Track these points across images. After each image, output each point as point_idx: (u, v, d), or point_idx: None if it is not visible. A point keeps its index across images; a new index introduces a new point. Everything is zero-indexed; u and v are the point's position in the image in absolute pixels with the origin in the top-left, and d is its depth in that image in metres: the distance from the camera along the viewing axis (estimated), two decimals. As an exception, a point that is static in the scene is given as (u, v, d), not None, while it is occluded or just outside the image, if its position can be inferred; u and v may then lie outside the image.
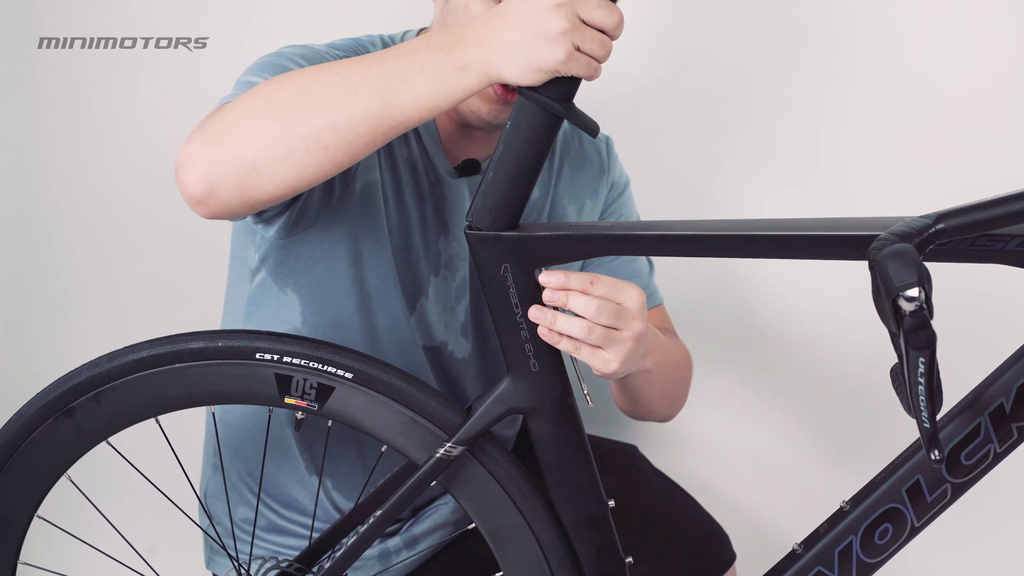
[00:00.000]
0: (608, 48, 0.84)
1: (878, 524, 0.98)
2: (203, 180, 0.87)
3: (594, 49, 0.83)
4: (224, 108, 0.89)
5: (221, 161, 0.86)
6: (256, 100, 0.87)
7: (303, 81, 0.87)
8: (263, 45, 1.70)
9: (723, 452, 1.82)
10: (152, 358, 0.93)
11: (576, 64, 0.83)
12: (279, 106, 0.86)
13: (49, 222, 1.82)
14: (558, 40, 0.82)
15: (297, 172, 0.86)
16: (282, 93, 0.87)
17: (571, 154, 1.29)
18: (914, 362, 0.67)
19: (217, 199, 0.87)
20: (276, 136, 0.85)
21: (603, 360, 0.94)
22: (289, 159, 0.85)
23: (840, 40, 1.64)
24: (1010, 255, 0.87)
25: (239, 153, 0.86)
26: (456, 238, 1.19)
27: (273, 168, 0.86)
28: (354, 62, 0.87)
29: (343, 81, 0.85)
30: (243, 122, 0.86)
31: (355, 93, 0.85)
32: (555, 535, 1.01)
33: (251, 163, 0.86)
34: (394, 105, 0.85)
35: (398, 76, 0.84)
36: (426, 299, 1.19)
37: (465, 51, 0.84)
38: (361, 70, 0.86)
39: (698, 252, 0.92)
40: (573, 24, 0.82)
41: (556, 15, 0.81)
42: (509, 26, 0.83)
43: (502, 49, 0.83)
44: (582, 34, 0.82)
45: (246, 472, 1.23)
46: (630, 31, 1.40)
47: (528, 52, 0.82)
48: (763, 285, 1.74)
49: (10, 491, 0.97)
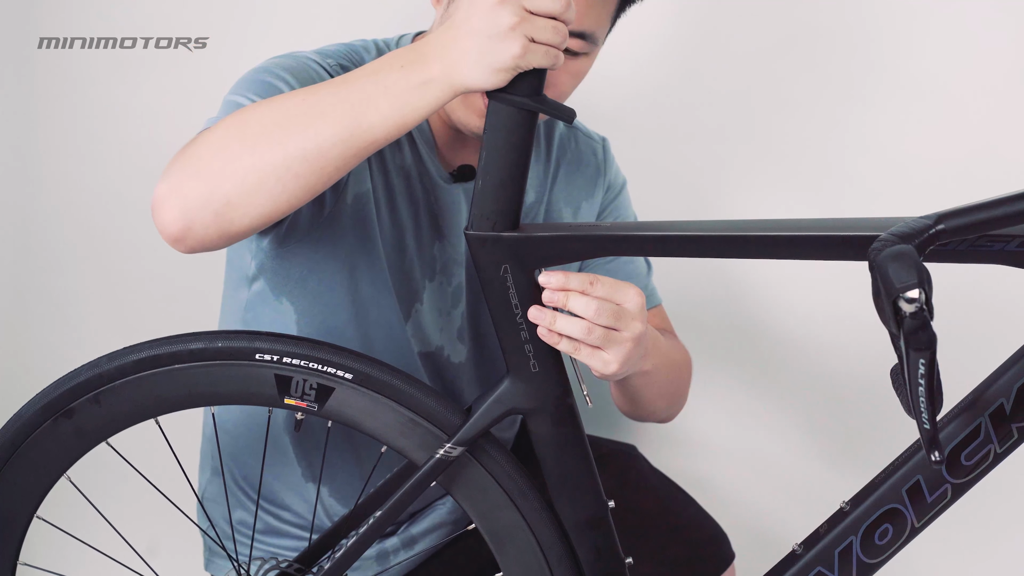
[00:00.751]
0: (563, 32, 0.84)
1: (878, 525, 0.98)
2: (179, 218, 0.87)
3: (548, 36, 0.83)
4: (194, 143, 0.89)
5: (195, 198, 0.86)
6: (226, 133, 0.88)
7: (271, 111, 0.87)
8: (263, 45, 1.70)
9: (723, 452, 1.82)
10: (152, 359, 0.93)
11: (534, 55, 0.83)
12: (248, 138, 0.86)
13: (49, 222, 1.82)
14: (510, 36, 0.82)
15: (271, 202, 0.87)
16: (251, 125, 0.87)
17: (567, 156, 1.28)
18: (914, 363, 0.67)
19: (195, 235, 0.88)
20: (247, 168, 0.85)
21: (603, 361, 0.94)
22: (262, 190, 0.86)
23: (840, 40, 1.64)
24: (1010, 256, 0.87)
25: (212, 188, 0.86)
26: (452, 244, 1.19)
27: (247, 200, 0.86)
28: (321, 87, 0.88)
29: (310, 107, 0.86)
30: (214, 156, 0.87)
31: (322, 119, 0.85)
32: (555, 536, 1.01)
33: (225, 197, 0.86)
34: (361, 127, 0.85)
35: (363, 98, 0.85)
36: (421, 304, 1.19)
37: (426, 67, 0.84)
38: (327, 95, 0.86)
39: (697, 252, 0.92)
40: (521, 17, 0.82)
41: (502, 12, 0.82)
42: (462, 34, 0.83)
43: (461, 58, 0.83)
44: (532, 25, 0.82)
45: (241, 477, 1.23)
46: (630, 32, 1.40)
47: (485, 55, 0.82)
48: (763, 286, 1.74)
49: (10, 491, 0.97)
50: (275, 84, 1.00)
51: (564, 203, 1.28)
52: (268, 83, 1.00)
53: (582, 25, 1.04)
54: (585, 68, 1.11)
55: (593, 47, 1.09)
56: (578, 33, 1.05)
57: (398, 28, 1.23)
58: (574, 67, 1.09)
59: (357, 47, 1.14)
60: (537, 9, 0.82)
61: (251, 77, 1.02)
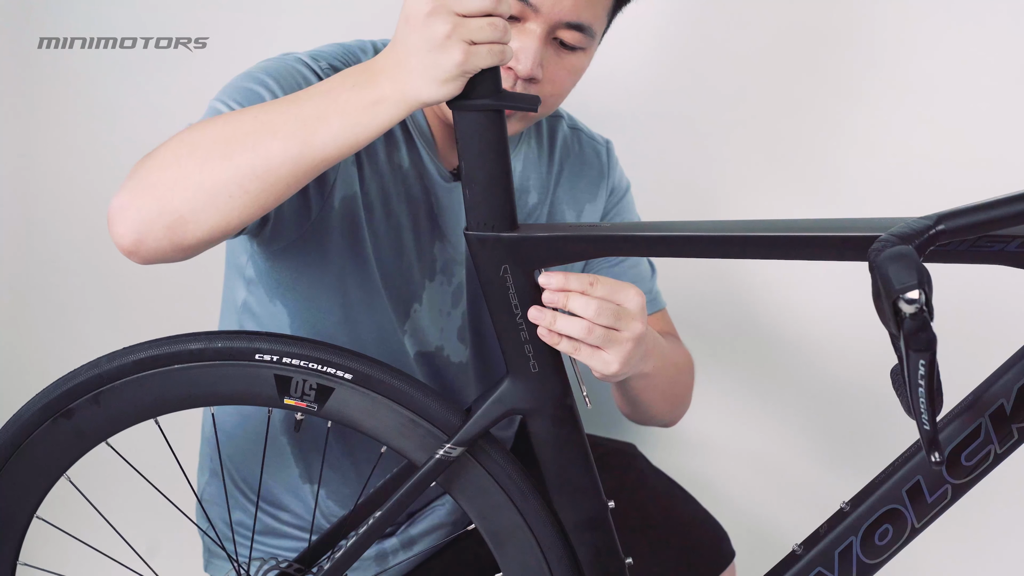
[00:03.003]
0: (500, 27, 0.83)
1: (878, 525, 0.98)
2: (131, 231, 0.87)
3: (487, 35, 0.82)
4: (150, 156, 0.90)
5: (147, 211, 0.87)
6: (179, 148, 0.88)
7: (224, 127, 0.87)
8: (263, 45, 1.70)
9: (723, 453, 1.82)
10: (151, 359, 0.93)
11: (477, 57, 0.82)
12: (199, 154, 0.87)
13: (49, 222, 1.82)
14: (447, 44, 0.81)
15: (223, 217, 0.87)
16: (203, 140, 0.87)
17: (570, 159, 1.28)
18: (914, 364, 0.67)
19: (147, 248, 0.88)
20: (199, 183, 0.86)
21: (603, 361, 0.94)
22: (213, 205, 0.86)
23: (840, 40, 1.64)
24: (1010, 256, 0.87)
25: (164, 202, 0.86)
26: (452, 243, 1.19)
27: (198, 215, 0.86)
28: (274, 104, 0.88)
29: (262, 125, 0.86)
30: (167, 171, 0.87)
31: (273, 136, 0.85)
32: (555, 536, 1.01)
33: (176, 211, 0.86)
34: (312, 145, 0.85)
35: (315, 116, 0.85)
36: (420, 304, 1.19)
37: (378, 86, 0.84)
38: (279, 112, 0.86)
39: (699, 253, 0.92)
40: (454, 23, 0.81)
41: (435, 23, 0.81)
42: (406, 51, 0.83)
43: (409, 74, 0.83)
44: (467, 28, 0.82)
45: (240, 478, 1.23)
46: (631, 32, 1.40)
47: (430, 68, 0.82)
48: (763, 286, 1.74)
49: (10, 492, 0.97)
50: (257, 91, 1.00)
51: (567, 205, 1.28)
52: (250, 90, 1.00)
53: (579, 17, 1.04)
54: (582, 64, 1.10)
55: (590, 41, 1.08)
56: (575, 25, 1.04)
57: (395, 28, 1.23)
58: (571, 62, 1.08)
59: (353, 48, 1.14)
60: (468, 11, 0.82)
61: (236, 83, 1.02)
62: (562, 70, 1.08)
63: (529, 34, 1.03)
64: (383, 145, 1.11)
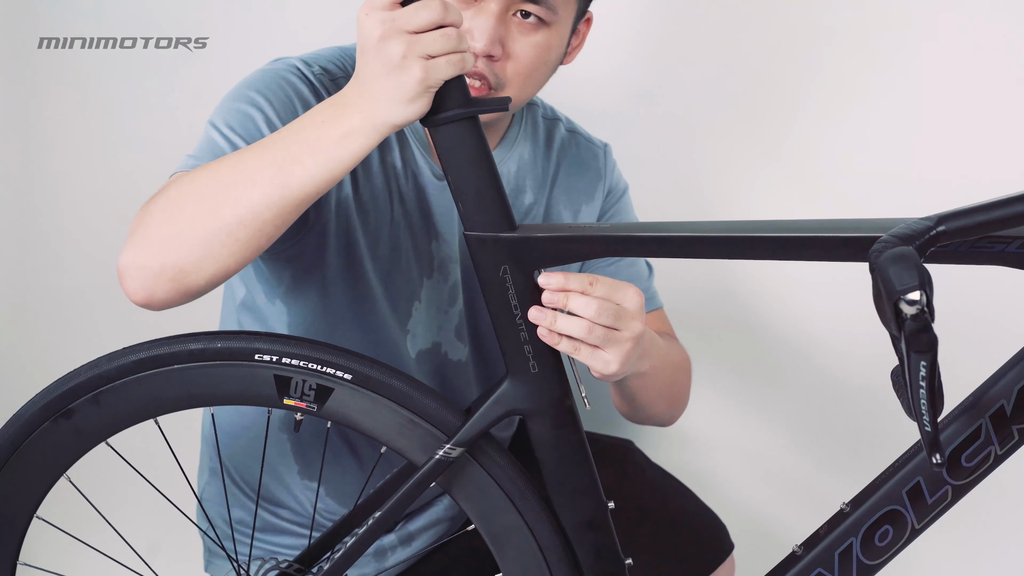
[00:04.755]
0: (453, 37, 0.83)
1: (878, 526, 0.98)
2: (140, 288, 0.91)
3: (441, 46, 0.83)
4: (146, 212, 0.93)
5: (151, 270, 0.90)
6: (169, 205, 0.91)
7: (208, 180, 0.90)
8: (263, 45, 1.70)
9: (723, 453, 1.82)
10: (151, 359, 0.93)
11: (437, 70, 0.83)
12: (190, 209, 0.89)
13: (49, 221, 1.82)
14: (405, 64, 0.82)
15: (220, 264, 0.90)
16: (191, 195, 0.90)
17: (567, 160, 1.28)
18: (915, 365, 0.67)
19: (159, 300, 0.92)
20: (192, 239, 0.89)
21: (603, 361, 0.94)
22: (209, 255, 0.89)
23: (840, 40, 1.64)
24: (1011, 257, 0.86)
25: (163, 259, 0.89)
26: (447, 241, 1.19)
27: (197, 266, 0.89)
28: (251, 151, 0.90)
29: (240, 175, 0.88)
30: (162, 228, 0.90)
31: (252, 185, 0.87)
32: (555, 537, 1.01)
33: (176, 265, 0.89)
34: (291, 187, 0.87)
35: (288, 159, 0.87)
36: (419, 302, 1.19)
37: (346, 118, 0.86)
38: (256, 159, 0.88)
39: (698, 253, 0.92)
40: (407, 42, 0.82)
41: (389, 45, 0.82)
42: (368, 79, 0.84)
43: (375, 102, 0.84)
44: (421, 44, 0.82)
45: (240, 478, 1.24)
46: (630, 31, 1.40)
47: (393, 91, 0.83)
48: (764, 286, 1.74)
49: (9, 492, 0.97)
50: (251, 114, 1.02)
51: (564, 206, 1.28)
52: (244, 113, 1.02)
53: None
54: (548, 41, 1.09)
55: (553, 16, 1.07)
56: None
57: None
58: (534, 39, 1.07)
59: (350, 51, 1.14)
60: (418, 26, 0.82)
61: (230, 105, 1.04)
62: (525, 46, 1.07)
63: (484, 11, 1.04)
64: (376, 148, 1.11)
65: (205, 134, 1.03)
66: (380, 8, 0.83)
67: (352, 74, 1.10)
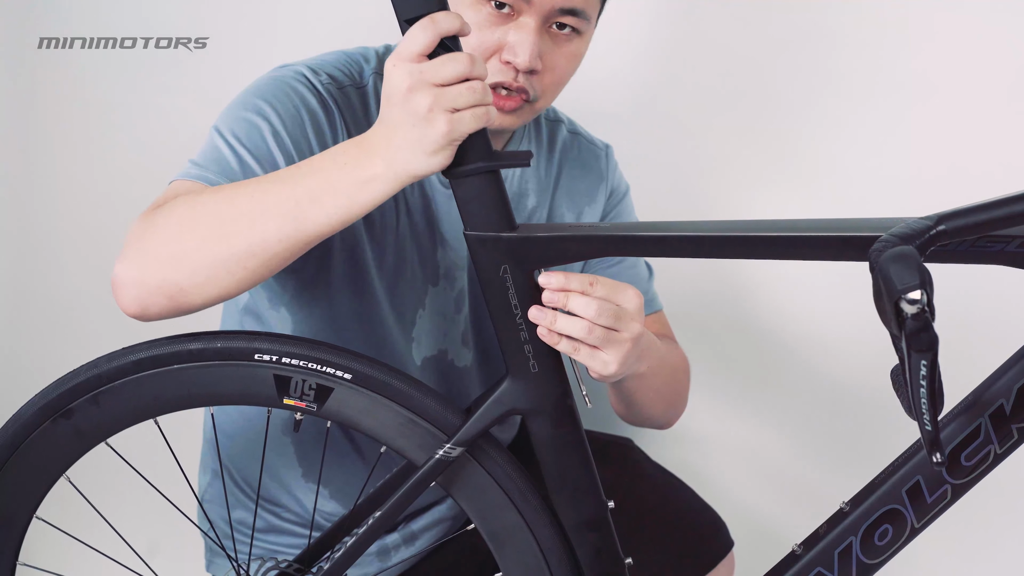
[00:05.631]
0: (479, 90, 0.84)
1: (878, 525, 0.98)
2: (135, 301, 0.91)
3: (467, 100, 0.84)
4: (150, 224, 0.92)
5: (149, 285, 0.90)
6: (180, 224, 0.90)
7: (222, 205, 0.90)
8: (263, 45, 1.70)
9: (723, 453, 1.82)
10: (151, 359, 0.93)
11: (462, 124, 0.84)
12: (200, 232, 0.89)
13: (49, 222, 1.82)
14: (431, 117, 0.83)
15: (222, 289, 0.90)
16: (202, 218, 0.90)
17: (569, 162, 1.28)
18: (916, 364, 0.67)
19: (151, 314, 0.92)
20: (198, 261, 0.89)
21: (602, 362, 0.94)
22: (213, 280, 0.89)
23: (840, 40, 1.64)
24: (1010, 256, 0.86)
25: (165, 276, 0.89)
26: (453, 248, 1.19)
27: (199, 288, 0.89)
28: (271, 182, 0.90)
29: (258, 205, 0.88)
30: (168, 246, 0.90)
31: (269, 217, 0.87)
32: (555, 536, 1.01)
33: (177, 284, 0.89)
34: (307, 224, 0.88)
35: (308, 197, 0.87)
36: (424, 310, 1.19)
37: (370, 163, 0.86)
38: (275, 192, 0.88)
39: (698, 253, 0.92)
40: (434, 95, 0.83)
41: (416, 97, 0.83)
42: (393, 128, 0.85)
43: (399, 151, 0.85)
44: (447, 97, 0.83)
45: (242, 479, 1.24)
46: (631, 31, 1.39)
47: (417, 142, 0.84)
48: (763, 286, 1.74)
49: (9, 492, 0.97)
50: (258, 125, 1.01)
51: (566, 208, 1.28)
52: (251, 123, 1.01)
53: (572, 3, 1.05)
54: (580, 50, 1.10)
55: (586, 25, 1.08)
56: (569, 10, 1.05)
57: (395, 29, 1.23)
58: (569, 49, 1.08)
59: (356, 57, 1.14)
60: (445, 79, 0.83)
61: (237, 112, 1.03)
62: (561, 58, 1.08)
63: (524, 27, 1.04)
64: None
65: (210, 140, 1.02)
66: (408, 59, 0.84)
67: (359, 82, 1.11)
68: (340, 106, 1.07)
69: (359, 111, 1.10)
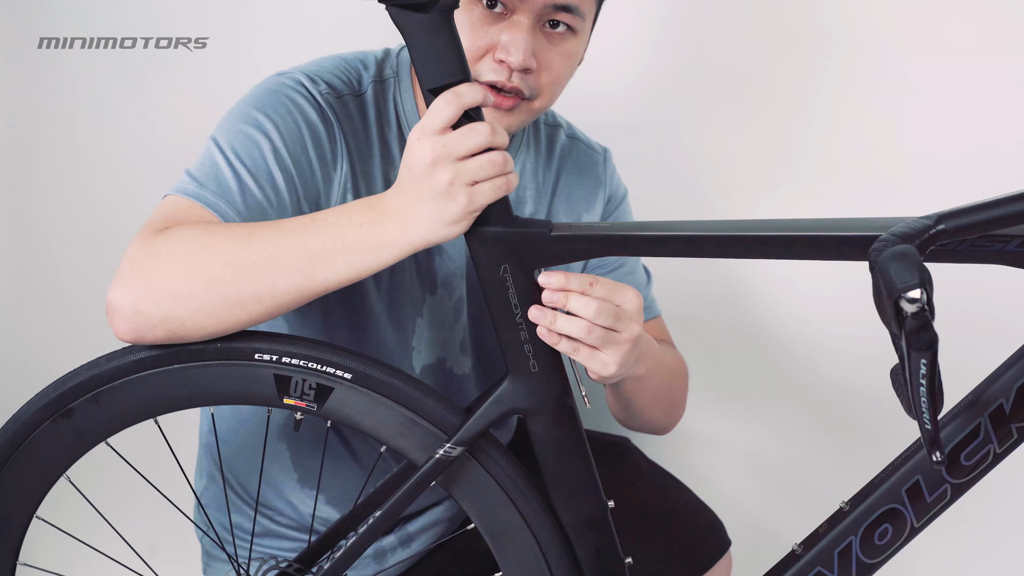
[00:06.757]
0: (497, 162, 0.86)
1: (878, 525, 0.98)
2: (131, 330, 0.90)
3: (487, 172, 0.86)
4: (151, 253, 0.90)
5: (149, 317, 0.89)
6: (186, 260, 0.89)
7: (233, 250, 0.89)
8: (263, 45, 1.70)
9: (722, 452, 1.82)
10: (151, 359, 0.93)
11: (481, 196, 0.86)
12: (207, 274, 0.89)
13: (49, 221, 1.82)
14: (451, 192, 0.85)
15: (223, 328, 0.91)
16: (211, 260, 0.89)
17: (568, 167, 1.28)
18: (916, 363, 0.67)
19: (146, 341, 0.91)
20: (202, 302, 0.89)
21: (601, 362, 0.94)
22: (214, 319, 0.90)
23: (839, 40, 1.64)
24: (1010, 256, 0.87)
25: (167, 313, 0.89)
26: (451, 258, 1.19)
27: (198, 325, 0.90)
28: (283, 232, 0.90)
29: (270, 257, 0.89)
30: (172, 284, 0.89)
31: (279, 271, 0.88)
32: (554, 536, 1.01)
33: (177, 319, 0.89)
34: (316, 280, 0.89)
35: (321, 255, 0.88)
36: (421, 319, 1.19)
37: (385, 229, 0.88)
38: (288, 245, 0.89)
39: (697, 252, 0.92)
40: (455, 170, 0.84)
41: (438, 172, 0.85)
42: (413, 198, 0.87)
43: (417, 219, 0.87)
44: (468, 170, 0.85)
45: (237, 484, 1.23)
46: (630, 31, 1.39)
47: (437, 213, 0.86)
48: (763, 285, 1.74)
49: (9, 492, 0.97)
50: (257, 140, 1.01)
51: (564, 214, 1.28)
52: (250, 138, 1.01)
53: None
54: (575, 48, 1.10)
55: (581, 23, 1.08)
56: (562, 6, 1.05)
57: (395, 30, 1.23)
58: (564, 48, 1.08)
59: (355, 63, 1.13)
60: (466, 151, 0.85)
61: (235, 125, 1.02)
62: (556, 56, 1.08)
63: (517, 26, 1.03)
64: (380, 167, 1.11)
65: (208, 154, 1.01)
66: (432, 133, 0.85)
67: (358, 91, 1.10)
68: (339, 117, 1.07)
69: (358, 121, 1.09)
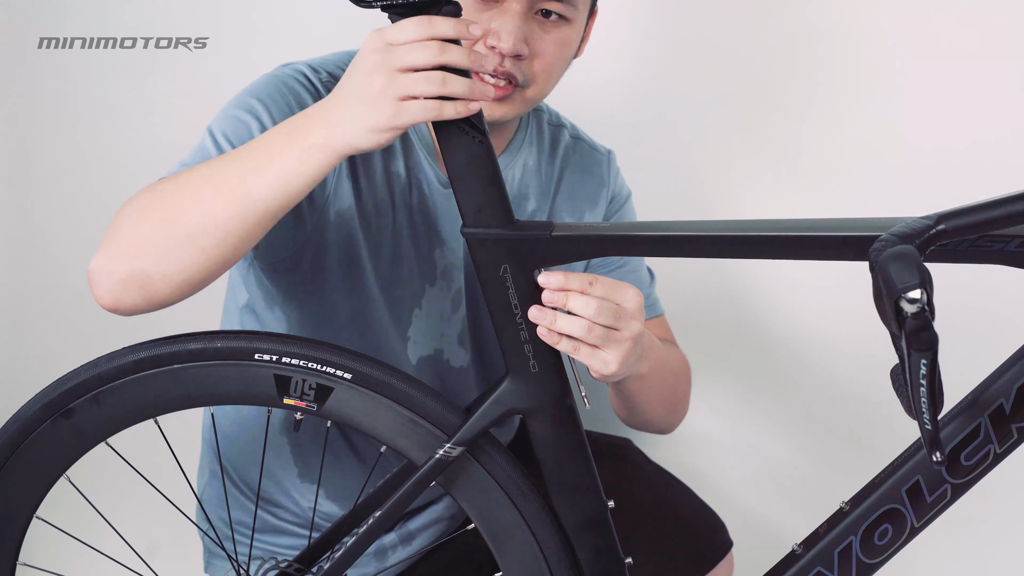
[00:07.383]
0: (437, 81, 0.82)
1: (878, 525, 0.98)
2: (107, 293, 0.91)
3: (422, 89, 0.82)
4: (117, 216, 0.93)
5: (118, 274, 0.90)
6: (141, 210, 0.91)
7: (175, 188, 0.90)
8: (263, 45, 1.70)
9: (723, 452, 1.82)
10: (151, 359, 0.93)
11: (406, 114, 0.82)
12: (157, 216, 0.90)
13: (49, 221, 1.82)
14: (380, 98, 0.82)
15: (185, 272, 0.90)
16: (158, 202, 0.90)
17: (571, 167, 1.28)
18: (916, 364, 0.67)
19: (125, 306, 0.91)
20: (156, 243, 0.89)
21: (602, 361, 0.94)
22: (174, 262, 0.89)
23: (840, 40, 1.64)
24: (1010, 256, 0.87)
25: (130, 263, 0.89)
26: (451, 248, 1.19)
27: (162, 272, 0.89)
28: (221, 160, 0.90)
29: (207, 183, 0.88)
30: (130, 234, 0.90)
31: (218, 195, 0.87)
32: (555, 536, 1.01)
33: (142, 270, 0.89)
34: (252, 199, 0.87)
35: (251, 170, 0.87)
36: (420, 310, 1.19)
37: (309, 133, 0.85)
38: (223, 169, 0.89)
39: (698, 253, 0.92)
40: (390, 80, 0.82)
41: (374, 78, 0.82)
42: (340, 100, 0.85)
43: (342, 123, 0.84)
44: (403, 84, 0.82)
45: (240, 480, 1.24)
46: (631, 31, 1.39)
47: (360, 119, 0.83)
48: (763, 285, 1.74)
49: (9, 492, 0.97)
50: (246, 121, 1.01)
51: (567, 213, 1.28)
52: (240, 120, 1.01)
53: None
54: (569, 37, 1.10)
55: (573, 11, 1.08)
56: None
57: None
58: (557, 35, 1.09)
59: None
60: (409, 65, 0.82)
61: (230, 111, 1.03)
62: (549, 43, 1.08)
63: (508, 12, 1.04)
64: (380, 156, 1.11)
65: (200, 140, 1.02)
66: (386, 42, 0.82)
67: None
68: None
69: None
